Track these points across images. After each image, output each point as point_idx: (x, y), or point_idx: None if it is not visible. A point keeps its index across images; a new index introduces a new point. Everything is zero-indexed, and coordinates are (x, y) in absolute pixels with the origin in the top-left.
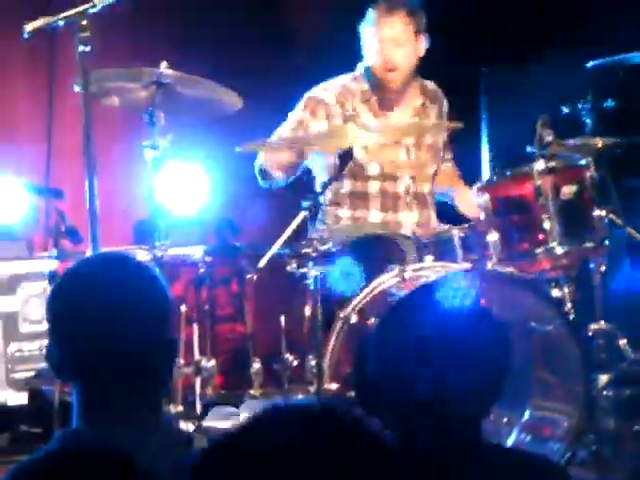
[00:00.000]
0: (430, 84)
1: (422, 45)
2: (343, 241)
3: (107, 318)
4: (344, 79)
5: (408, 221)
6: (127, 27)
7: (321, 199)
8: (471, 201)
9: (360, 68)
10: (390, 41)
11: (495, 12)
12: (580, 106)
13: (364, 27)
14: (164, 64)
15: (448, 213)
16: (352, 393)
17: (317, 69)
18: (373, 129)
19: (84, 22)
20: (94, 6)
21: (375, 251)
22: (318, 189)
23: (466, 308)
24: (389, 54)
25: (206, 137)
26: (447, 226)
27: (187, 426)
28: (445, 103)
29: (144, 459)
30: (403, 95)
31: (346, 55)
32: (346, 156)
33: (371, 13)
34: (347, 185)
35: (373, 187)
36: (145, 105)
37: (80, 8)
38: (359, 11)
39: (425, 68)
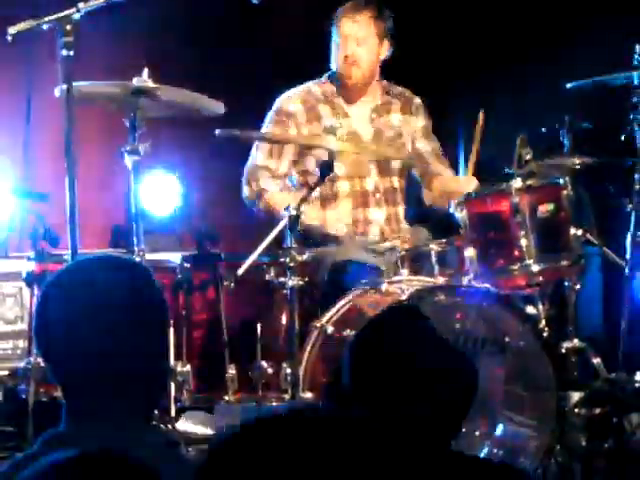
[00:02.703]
0: (398, 88)
1: (385, 49)
2: (321, 253)
3: (103, 321)
4: (308, 85)
5: (377, 218)
6: (109, 34)
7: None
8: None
9: (326, 75)
10: (351, 37)
11: (473, 29)
12: (558, 126)
13: (332, 29)
14: (146, 71)
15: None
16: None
17: (295, 80)
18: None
19: (68, 27)
20: (78, 11)
21: (351, 270)
22: None
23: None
24: (350, 49)
25: (183, 145)
26: (420, 230)
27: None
28: (416, 101)
29: (140, 458)
30: (364, 93)
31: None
32: (326, 167)
33: (338, 12)
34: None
35: (342, 187)
36: (126, 110)
37: (64, 13)
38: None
39: (402, 81)
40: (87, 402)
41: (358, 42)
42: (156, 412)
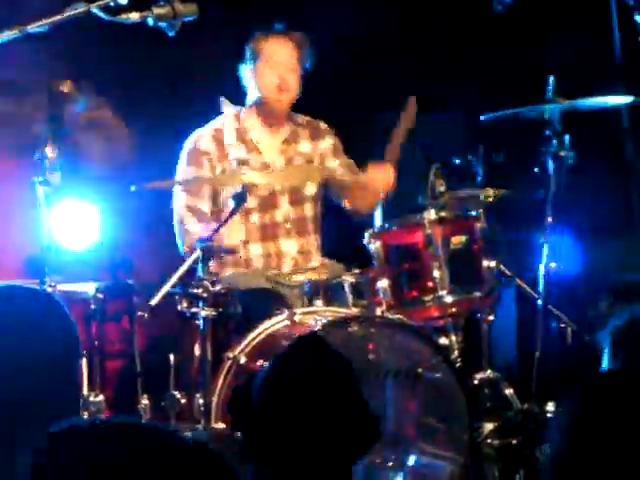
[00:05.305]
0: (300, 116)
1: (301, 81)
2: (232, 285)
3: (6, 354)
4: (214, 124)
5: (288, 249)
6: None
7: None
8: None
9: (231, 109)
10: (282, 63)
11: (388, 59)
12: (471, 157)
13: (251, 58)
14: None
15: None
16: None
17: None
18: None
19: None
20: None
21: (262, 301)
22: None
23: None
24: (284, 75)
25: (99, 174)
26: (330, 262)
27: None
28: (322, 125)
29: None
30: (281, 125)
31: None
32: (239, 198)
33: (258, 37)
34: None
35: (253, 219)
36: (36, 139)
37: None
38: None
39: (320, 112)
40: None
41: (288, 69)
42: None
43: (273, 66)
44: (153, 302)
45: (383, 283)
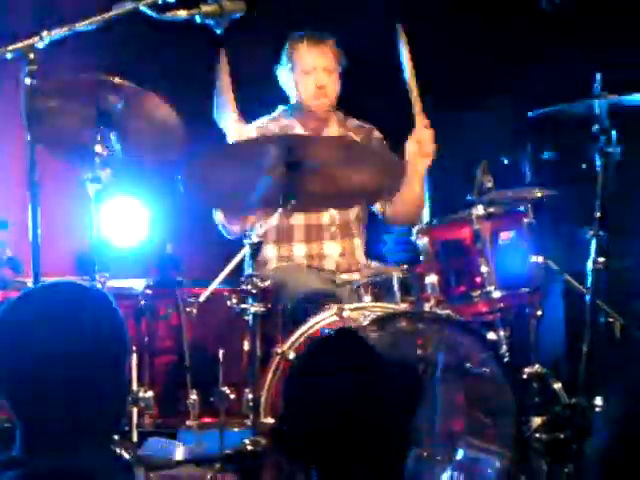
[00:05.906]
0: (354, 121)
1: (340, 81)
2: (280, 280)
3: (59, 350)
4: (262, 121)
5: (332, 252)
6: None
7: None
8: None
9: (279, 110)
10: (320, 68)
11: (435, 57)
12: (519, 157)
13: (288, 62)
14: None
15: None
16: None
17: (258, 108)
18: None
19: (31, 55)
20: (42, 39)
21: (311, 296)
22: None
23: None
24: (322, 79)
25: (147, 171)
26: (373, 263)
27: (123, 455)
28: (375, 134)
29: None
30: (325, 125)
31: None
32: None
33: (294, 43)
34: (273, 220)
35: (298, 220)
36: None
37: (28, 41)
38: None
39: (366, 112)
40: (40, 427)
41: (325, 72)
42: (117, 437)
43: (310, 72)
44: (202, 298)
45: (431, 279)
